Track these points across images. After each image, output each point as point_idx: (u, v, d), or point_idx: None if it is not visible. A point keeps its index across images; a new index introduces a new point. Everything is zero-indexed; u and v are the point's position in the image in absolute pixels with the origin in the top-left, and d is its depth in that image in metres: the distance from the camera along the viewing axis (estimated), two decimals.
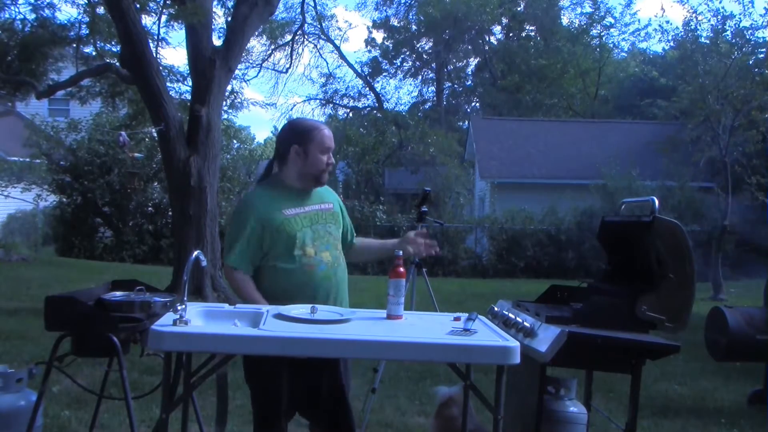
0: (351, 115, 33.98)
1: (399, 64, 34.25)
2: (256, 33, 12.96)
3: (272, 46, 18.52)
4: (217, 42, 9.96)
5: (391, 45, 33.78)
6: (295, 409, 2.81)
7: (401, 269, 2.63)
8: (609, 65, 31.06)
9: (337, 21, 45.41)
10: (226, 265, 2.83)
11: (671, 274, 2.81)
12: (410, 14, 33.14)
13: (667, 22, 51.86)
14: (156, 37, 10.07)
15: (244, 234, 2.77)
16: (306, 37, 25.79)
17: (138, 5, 9.00)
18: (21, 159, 17.01)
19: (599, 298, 2.99)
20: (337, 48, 31.31)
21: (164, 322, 2.31)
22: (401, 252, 2.72)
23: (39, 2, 10.36)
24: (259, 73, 19.18)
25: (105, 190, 16.24)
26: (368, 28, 44.95)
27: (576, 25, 32.61)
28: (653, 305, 2.79)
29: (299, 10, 18.68)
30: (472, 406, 3.10)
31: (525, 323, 2.91)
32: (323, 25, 28.40)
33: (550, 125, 24.31)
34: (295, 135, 2.87)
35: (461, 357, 2.35)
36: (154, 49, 9.56)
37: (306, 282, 2.78)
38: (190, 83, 9.98)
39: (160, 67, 9.63)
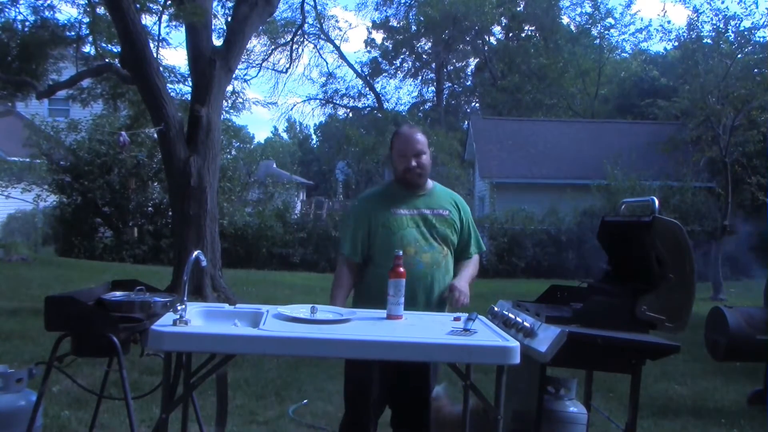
0: (351, 115, 34.00)
1: (399, 64, 34.25)
2: (256, 33, 12.95)
3: (272, 46, 18.52)
4: (217, 42, 9.96)
5: (390, 45, 33.76)
6: (385, 403, 3.07)
7: (401, 269, 2.63)
8: (609, 65, 31.03)
9: (337, 21, 45.35)
10: (339, 253, 3.16)
11: (671, 274, 2.80)
12: (410, 14, 33.13)
13: (668, 22, 52.02)
14: (156, 37, 10.07)
15: (351, 226, 3.11)
16: (306, 37, 25.81)
17: (138, 5, 9.00)
18: (21, 159, 17.01)
19: (599, 298, 2.99)
20: (337, 48, 31.34)
21: (164, 322, 2.31)
22: (401, 252, 2.72)
23: (39, 3, 10.37)
24: (258, 72, 19.18)
25: (105, 190, 16.21)
26: (368, 28, 44.92)
27: (576, 22, 32.64)
28: (653, 305, 2.79)
29: (299, 10, 18.65)
30: (471, 403, 3.09)
31: (525, 323, 2.91)
32: (323, 25, 28.42)
33: (550, 125, 24.27)
34: (391, 142, 3.18)
35: (461, 357, 2.36)
36: (154, 50, 9.56)
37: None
38: (190, 83, 9.98)
39: (161, 68, 9.63)
